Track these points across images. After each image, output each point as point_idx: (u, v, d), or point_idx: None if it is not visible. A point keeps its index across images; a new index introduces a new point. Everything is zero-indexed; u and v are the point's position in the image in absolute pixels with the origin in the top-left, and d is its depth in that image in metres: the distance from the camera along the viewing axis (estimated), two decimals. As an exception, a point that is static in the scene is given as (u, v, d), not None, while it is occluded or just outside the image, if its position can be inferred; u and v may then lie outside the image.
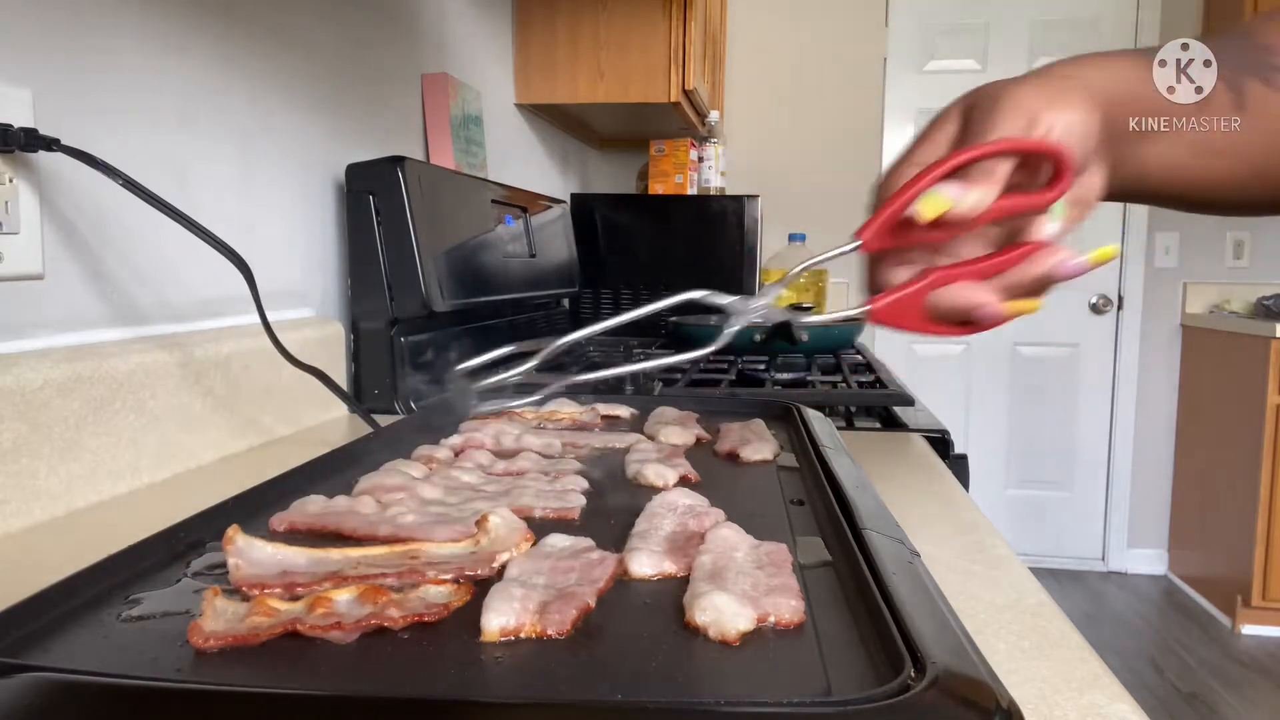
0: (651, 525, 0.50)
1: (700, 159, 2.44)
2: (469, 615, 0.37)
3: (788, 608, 0.38)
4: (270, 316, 0.83)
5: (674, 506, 0.53)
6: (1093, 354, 3.50)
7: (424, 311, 1.09)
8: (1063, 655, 0.44)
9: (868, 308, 0.51)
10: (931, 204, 0.47)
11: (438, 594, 0.38)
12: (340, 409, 1.06)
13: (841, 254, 0.51)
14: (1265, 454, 2.87)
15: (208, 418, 0.83)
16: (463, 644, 0.35)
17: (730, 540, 0.46)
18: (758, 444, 0.71)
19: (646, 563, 0.44)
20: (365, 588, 0.36)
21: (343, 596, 0.36)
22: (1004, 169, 0.47)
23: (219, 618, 0.34)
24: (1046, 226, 0.49)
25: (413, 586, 0.39)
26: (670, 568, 0.44)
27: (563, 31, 1.93)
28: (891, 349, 3.53)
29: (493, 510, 0.47)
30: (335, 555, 0.43)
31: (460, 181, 1.29)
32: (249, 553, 0.42)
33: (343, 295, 1.13)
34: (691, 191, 2.39)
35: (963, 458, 0.95)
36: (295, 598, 0.38)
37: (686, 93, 2.00)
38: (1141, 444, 3.50)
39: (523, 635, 0.36)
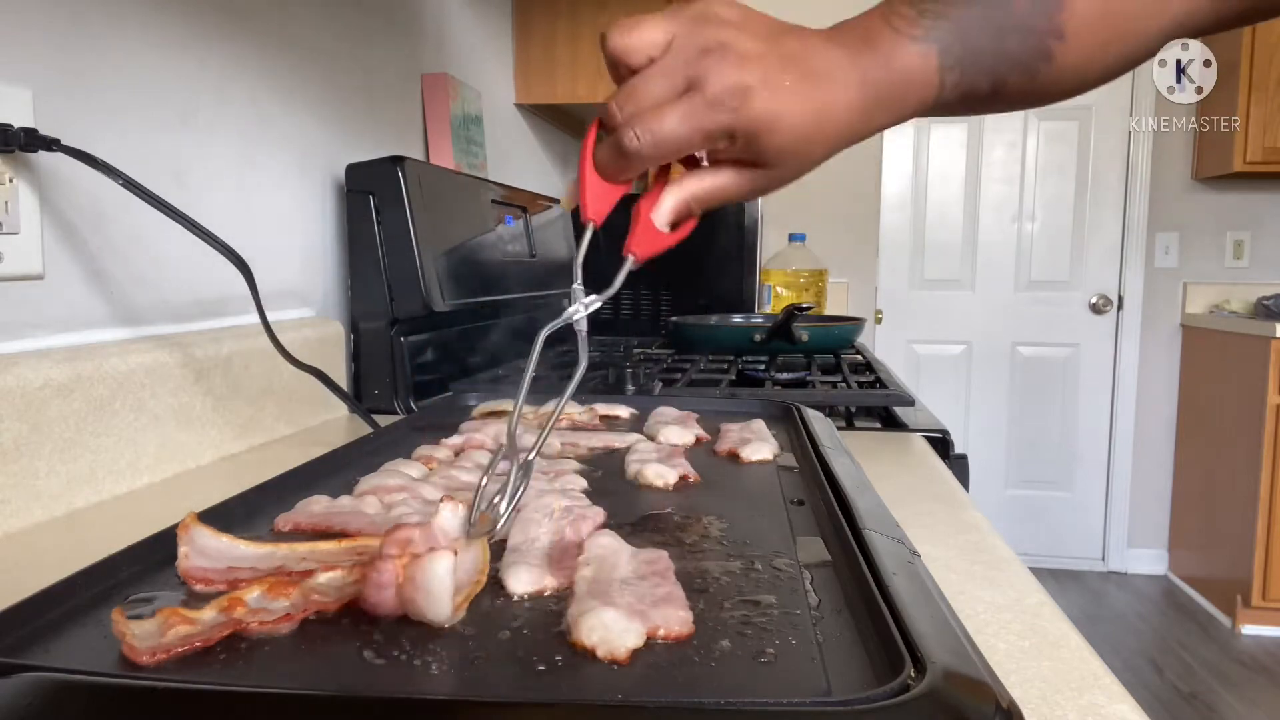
0: (527, 536, 0.47)
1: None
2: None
3: (676, 619, 0.36)
4: (270, 316, 0.83)
5: (549, 511, 0.50)
6: (1093, 354, 3.50)
7: (424, 311, 1.09)
8: (1063, 655, 0.44)
9: (631, 256, 0.52)
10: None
11: (331, 578, 0.38)
12: (340, 409, 1.06)
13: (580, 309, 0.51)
14: (1265, 454, 2.87)
15: (208, 418, 0.83)
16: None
17: (610, 548, 0.44)
18: (758, 444, 0.71)
19: (525, 579, 0.41)
20: (271, 583, 0.37)
21: (252, 595, 0.36)
22: None
23: (143, 637, 0.34)
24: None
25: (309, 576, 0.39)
26: (551, 582, 0.41)
27: (563, 31, 1.93)
28: (891, 349, 3.53)
29: (443, 503, 0.47)
30: (283, 550, 0.43)
31: (460, 181, 1.29)
32: (200, 542, 0.43)
33: (343, 295, 1.13)
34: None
35: (963, 458, 0.95)
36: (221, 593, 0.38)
37: (686, 93, 2.00)
38: (1141, 444, 3.50)
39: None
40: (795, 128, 0.47)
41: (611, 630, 0.35)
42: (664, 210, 0.51)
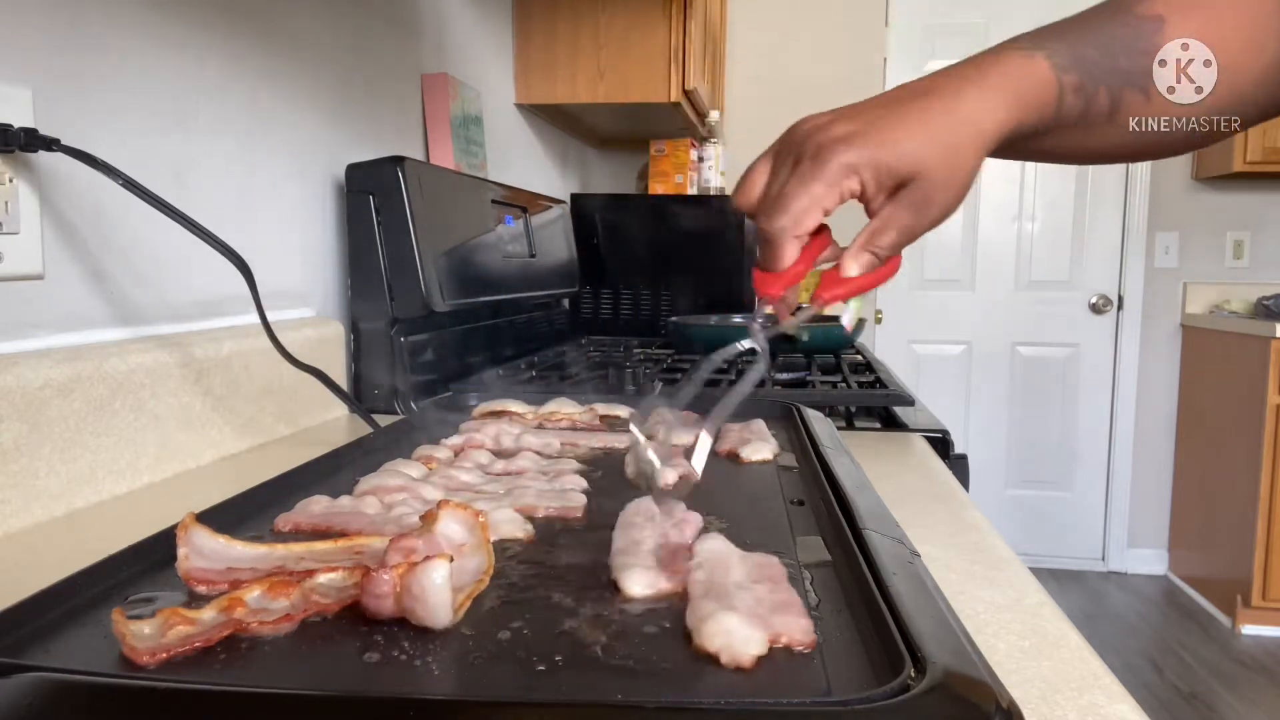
0: (631, 539, 0.47)
1: (700, 159, 2.44)
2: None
3: (799, 627, 0.36)
4: (270, 316, 0.83)
5: (650, 515, 0.50)
6: (1093, 354, 3.50)
7: (424, 311, 1.09)
8: (1063, 655, 0.44)
9: (815, 305, 0.54)
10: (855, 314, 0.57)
11: (331, 580, 0.38)
12: (340, 409, 1.06)
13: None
14: (1265, 454, 2.87)
15: (208, 418, 0.83)
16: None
17: (721, 553, 0.44)
18: (758, 444, 0.71)
19: (641, 580, 0.41)
20: (271, 583, 0.37)
21: (252, 595, 0.36)
22: None
23: (143, 637, 0.34)
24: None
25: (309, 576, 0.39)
26: (666, 585, 0.41)
27: (563, 31, 1.93)
28: (891, 349, 3.53)
29: (441, 509, 0.47)
30: (281, 550, 0.44)
31: (460, 181, 1.29)
32: (199, 543, 0.43)
33: (343, 295, 1.13)
34: (691, 191, 2.39)
35: (963, 458, 0.95)
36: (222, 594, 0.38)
37: (686, 93, 2.00)
38: (1141, 444, 3.50)
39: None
40: (906, 137, 0.49)
41: (734, 636, 0.34)
42: (848, 264, 0.53)
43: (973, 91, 0.51)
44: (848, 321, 0.57)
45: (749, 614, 0.36)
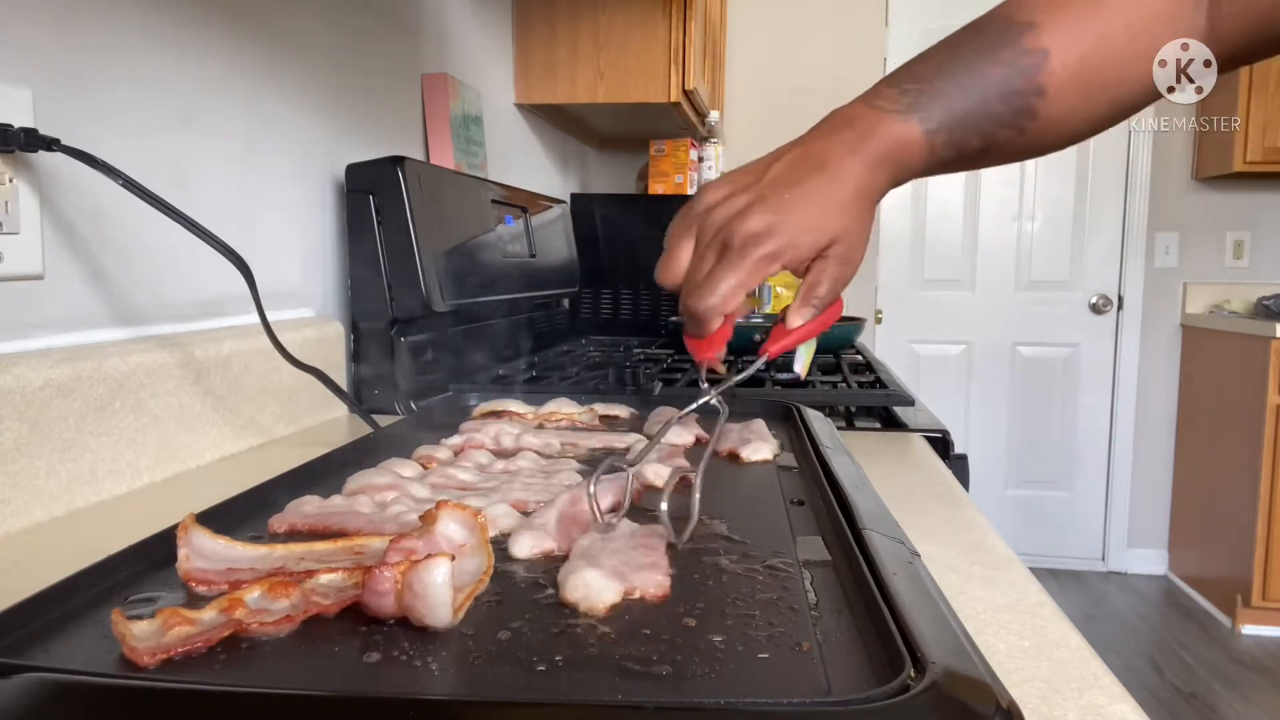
0: (542, 509, 0.52)
1: (700, 159, 2.44)
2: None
3: (653, 582, 0.40)
4: (270, 316, 0.83)
5: (569, 487, 0.56)
6: (1093, 354, 3.50)
7: (424, 311, 1.09)
8: (1063, 655, 0.44)
9: (764, 358, 0.59)
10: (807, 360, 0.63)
11: (332, 580, 0.39)
12: (340, 409, 1.06)
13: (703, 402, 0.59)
14: (1265, 454, 2.87)
15: (207, 418, 0.83)
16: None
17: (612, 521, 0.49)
18: (758, 444, 0.71)
19: (526, 543, 0.47)
20: (271, 583, 0.37)
21: (252, 595, 0.36)
22: None
23: (143, 637, 0.34)
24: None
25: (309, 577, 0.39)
26: (551, 546, 0.47)
27: (563, 31, 1.93)
28: (892, 349, 3.53)
29: (441, 509, 0.47)
30: (281, 550, 0.44)
31: (460, 181, 1.29)
32: (198, 544, 0.43)
33: (343, 295, 1.13)
34: (691, 191, 2.39)
35: (963, 458, 0.95)
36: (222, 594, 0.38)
37: (686, 93, 2.00)
38: (1141, 444, 3.50)
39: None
40: (815, 217, 0.54)
41: (592, 588, 0.39)
42: (792, 318, 0.57)
43: (855, 163, 0.56)
44: (799, 368, 0.62)
45: (610, 571, 0.40)
